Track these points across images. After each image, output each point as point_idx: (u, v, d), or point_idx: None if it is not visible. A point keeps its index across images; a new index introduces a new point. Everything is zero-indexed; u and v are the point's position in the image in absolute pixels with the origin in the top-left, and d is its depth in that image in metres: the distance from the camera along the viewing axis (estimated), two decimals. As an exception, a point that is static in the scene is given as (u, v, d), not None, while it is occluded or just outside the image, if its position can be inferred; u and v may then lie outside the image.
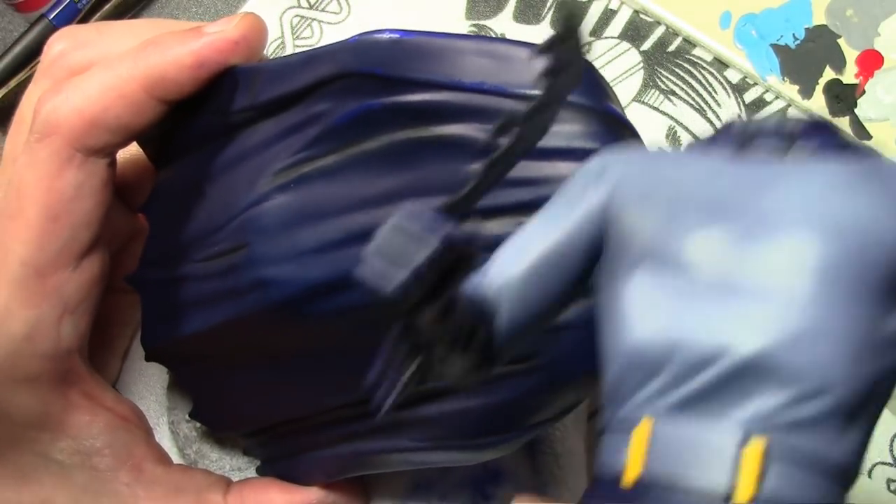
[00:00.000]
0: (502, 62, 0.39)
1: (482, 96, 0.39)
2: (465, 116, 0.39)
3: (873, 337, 0.27)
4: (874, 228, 0.27)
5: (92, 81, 0.42)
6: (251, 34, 0.42)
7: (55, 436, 0.45)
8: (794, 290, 0.27)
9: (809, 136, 0.29)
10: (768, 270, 0.27)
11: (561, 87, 0.28)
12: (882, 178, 0.28)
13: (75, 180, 0.42)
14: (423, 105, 0.39)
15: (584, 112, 0.38)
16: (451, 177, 0.39)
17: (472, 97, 0.39)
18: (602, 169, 0.31)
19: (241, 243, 0.40)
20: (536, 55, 0.27)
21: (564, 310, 0.31)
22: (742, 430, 0.27)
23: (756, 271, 0.27)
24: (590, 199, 0.30)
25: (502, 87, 0.38)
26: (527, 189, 0.38)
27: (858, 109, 0.55)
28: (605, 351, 0.29)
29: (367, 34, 0.39)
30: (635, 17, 0.59)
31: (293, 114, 0.41)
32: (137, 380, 0.53)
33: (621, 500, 0.28)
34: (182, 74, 0.41)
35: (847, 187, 0.27)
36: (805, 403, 0.26)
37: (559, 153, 0.38)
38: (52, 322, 0.43)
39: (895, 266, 0.27)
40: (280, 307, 0.39)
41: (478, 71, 0.39)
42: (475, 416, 0.41)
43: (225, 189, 0.42)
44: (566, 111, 0.38)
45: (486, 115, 0.39)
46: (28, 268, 0.42)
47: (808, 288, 0.27)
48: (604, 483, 0.28)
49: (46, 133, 0.42)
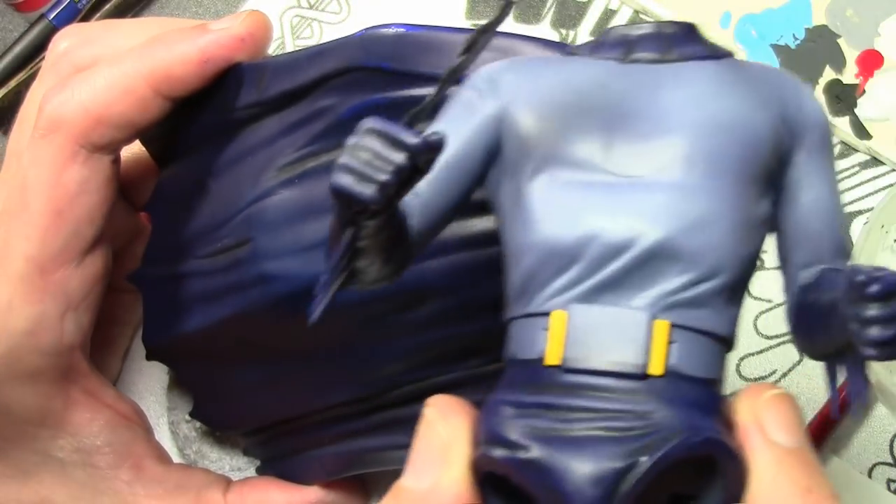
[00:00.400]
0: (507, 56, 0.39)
1: None
2: None
3: (751, 221, 0.31)
4: (747, 123, 0.31)
5: (97, 77, 0.42)
6: (256, 31, 0.42)
7: (56, 433, 0.45)
8: (686, 182, 0.30)
9: (683, 42, 0.32)
10: (661, 166, 0.30)
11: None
12: (749, 79, 0.32)
13: (79, 176, 0.42)
14: None
15: None
16: None
17: None
18: (493, 78, 0.33)
19: (246, 238, 0.40)
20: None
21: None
22: (650, 310, 0.30)
23: (651, 168, 0.30)
24: (484, 109, 0.32)
25: None
26: None
27: (858, 109, 0.55)
28: (513, 247, 0.31)
29: (373, 28, 0.39)
30: (635, 18, 0.59)
31: (298, 109, 0.41)
32: (137, 380, 0.53)
33: (544, 381, 0.30)
34: (187, 71, 0.41)
35: (722, 89, 0.31)
36: (702, 283, 0.30)
37: None
38: (54, 318, 0.43)
39: (766, 156, 0.31)
40: (283, 302, 0.39)
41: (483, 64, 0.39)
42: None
43: (229, 185, 0.42)
44: None
45: None
46: (31, 263, 0.42)
47: (697, 180, 0.30)
48: (521, 367, 0.31)
49: (51, 129, 0.42)
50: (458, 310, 0.39)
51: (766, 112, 0.31)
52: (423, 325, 0.39)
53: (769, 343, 0.55)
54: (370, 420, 0.43)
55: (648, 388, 0.29)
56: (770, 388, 0.31)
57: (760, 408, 0.30)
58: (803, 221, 0.32)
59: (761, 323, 0.55)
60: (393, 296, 0.38)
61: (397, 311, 0.39)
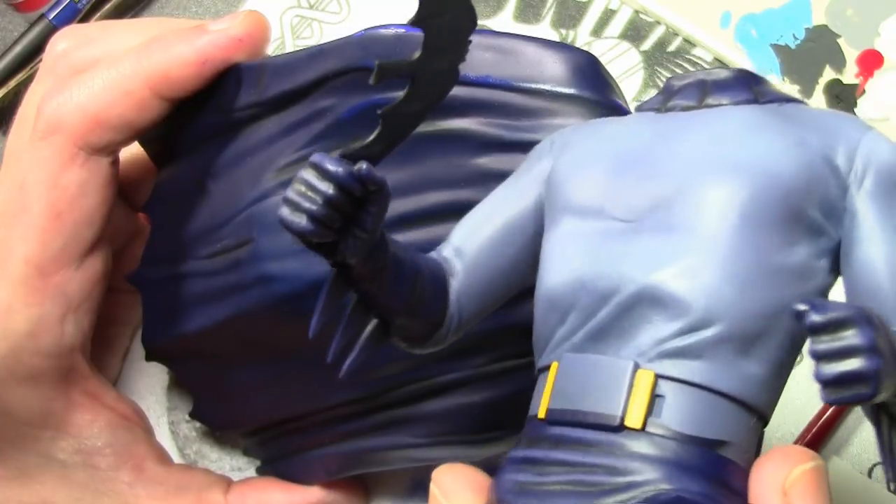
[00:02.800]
0: (507, 56, 0.39)
1: (487, 90, 0.39)
2: (470, 110, 0.39)
3: (768, 268, 0.28)
4: (767, 165, 0.28)
5: (96, 79, 0.42)
6: (255, 31, 0.42)
7: (57, 434, 0.45)
8: (676, 224, 0.28)
9: (724, 88, 0.31)
10: (652, 208, 0.29)
11: (444, 29, 0.28)
12: (788, 121, 0.29)
13: (78, 178, 0.42)
14: None
15: (589, 104, 0.38)
16: (455, 170, 0.39)
17: (476, 91, 0.39)
18: (554, 138, 0.33)
19: (246, 239, 0.40)
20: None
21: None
22: (634, 359, 0.28)
23: (644, 211, 0.29)
24: (539, 166, 0.32)
25: (507, 81, 0.39)
26: None
27: (858, 109, 0.55)
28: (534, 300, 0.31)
29: (373, 29, 0.39)
30: (635, 17, 0.59)
31: (298, 110, 0.41)
32: (137, 380, 0.53)
33: (535, 435, 0.29)
34: (186, 72, 0.41)
35: (747, 131, 0.29)
36: (695, 333, 0.27)
37: None
38: (54, 320, 0.43)
39: (793, 200, 0.28)
40: (283, 302, 0.39)
41: (483, 65, 0.39)
42: (479, 411, 0.41)
43: (229, 186, 0.42)
44: (572, 104, 0.38)
45: (492, 109, 0.39)
46: (31, 265, 0.42)
47: (690, 222, 0.28)
48: (528, 422, 0.30)
49: (50, 131, 0.42)
50: None
51: (800, 154, 0.29)
52: None
53: (769, 343, 0.55)
54: (371, 420, 0.43)
55: (628, 443, 0.27)
56: (802, 456, 0.28)
57: (789, 483, 0.27)
58: (862, 276, 0.28)
59: (761, 323, 0.55)
60: None
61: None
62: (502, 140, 0.38)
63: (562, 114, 0.38)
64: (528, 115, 0.38)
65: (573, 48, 0.39)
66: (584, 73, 0.38)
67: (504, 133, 0.38)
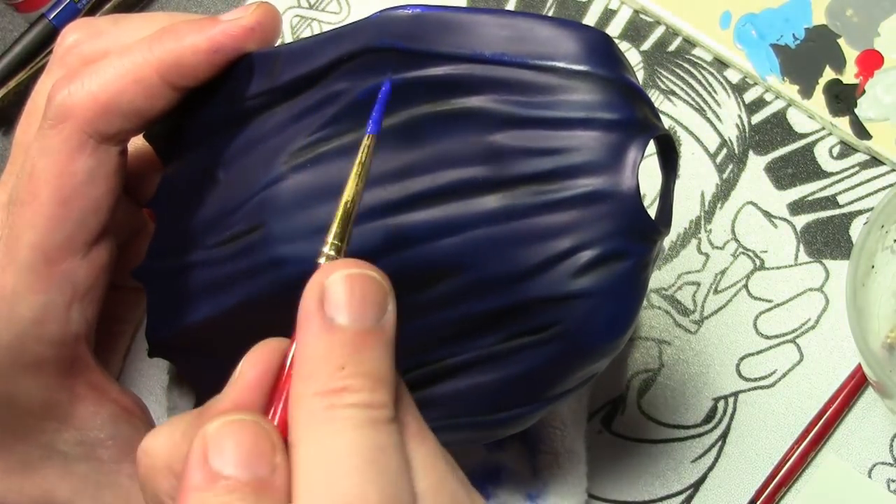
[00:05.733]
0: (523, 34, 0.39)
1: (504, 68, 0.39)
2: (486, 88, 0.39)
3: None
4: None
5: (107, 67, 0.42)
6: (266, 22, 0.42)
7: (60, 426, 0.45)
8: None
9: None
10: None
11: None
12: None
13: (87, 166, 0.42)
14: (445, 78, 0.39)
15: (603, 82, 0.38)
16: (470, 148, 0.39)
17: (493, 69, 0.39)
18: None
19: (258, 223, 0.40)
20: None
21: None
22: None
23: None
24: None
25: (524, 59, 0.39)
26: (547, 158, 0.38)
27: (858, 109, 0.56)
28: None
29: (389, 10, 0.40)
30: (635, 17, 0.59)
31: (311, 95, 0.41)
32: (137, 380, 0.53)
33: None
34: (197, 60, 0.42)
35: None
36: None
37: (578, 122, 0.38)
38: (60, 307, 0.43)
39: None
40: (294, 287, 0.39)
41: (499, 43, 0.39)
42: (491, 391, 0.40)
43: (240, 173, 0.42)
44: (584, 81, 0.39)
45: (508, 86, 0.39)
46: (37, 252, 0.42)
47: None
48: None
49: (60, 119, 0.42)
50: (471, 288, 0.39)
51: None
52: (436, 306, 0.39)
53: (769, 343, 0.55)
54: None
55: None
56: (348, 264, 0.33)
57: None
58: None
59: (761, 323, 0.55)
60: (406, 277, 0.38)
61: (410, 292, 0.39)
62: (517, 117, 0.39)
63: (576, 91, 0.38)
64: (543, 92, 0.39)
65: (587, 27, 0.39)
66: (598, 51, 0.39)
67: (519, 110, 0.39)
